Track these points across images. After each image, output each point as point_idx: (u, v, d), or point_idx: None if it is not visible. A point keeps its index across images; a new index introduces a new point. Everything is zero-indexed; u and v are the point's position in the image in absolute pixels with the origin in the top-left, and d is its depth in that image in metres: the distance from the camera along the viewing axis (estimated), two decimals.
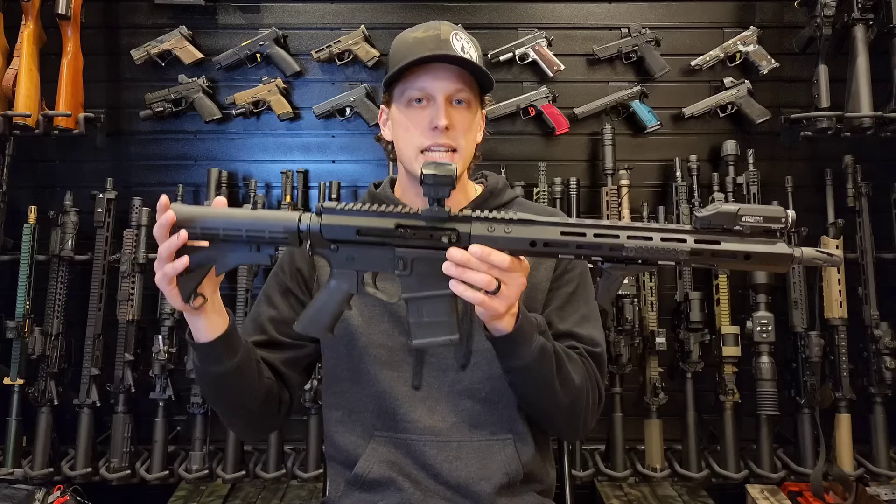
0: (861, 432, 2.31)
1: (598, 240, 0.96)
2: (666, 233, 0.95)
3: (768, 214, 0.93)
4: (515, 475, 1.22)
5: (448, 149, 1.19)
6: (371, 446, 1.24)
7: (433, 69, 1.18)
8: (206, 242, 1.02)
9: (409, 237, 1.00)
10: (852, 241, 2.37)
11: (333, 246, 1.03)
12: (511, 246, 0.98)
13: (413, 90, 1.19)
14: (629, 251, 0.95)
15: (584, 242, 0.96)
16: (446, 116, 1.17)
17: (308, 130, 2.59)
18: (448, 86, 1.19)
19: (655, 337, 2.31)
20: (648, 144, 2.56)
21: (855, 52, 2.32)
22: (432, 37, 1.19)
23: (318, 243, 1.02)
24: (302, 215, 1.02)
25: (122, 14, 2.59)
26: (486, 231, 0.98)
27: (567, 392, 1.16)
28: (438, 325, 1.04)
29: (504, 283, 0.99)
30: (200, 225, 1.01)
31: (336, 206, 1.02)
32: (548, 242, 0.97)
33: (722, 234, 0.94)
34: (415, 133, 1.20)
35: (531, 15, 2.58)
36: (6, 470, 2.29)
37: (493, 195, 1.32)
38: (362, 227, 1.01)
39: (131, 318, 2.34)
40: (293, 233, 1.01)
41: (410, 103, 1.20)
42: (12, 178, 2.40)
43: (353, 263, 1.04)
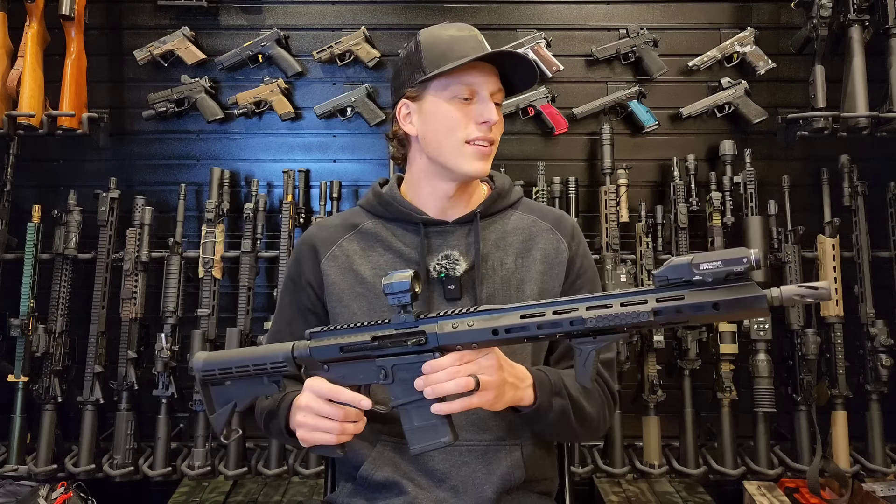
0: (857, 429, 2.33)
1: (557, 317, 0.94)
2: (626, 297, 0.91)
3: (727, 257, 0.84)
4: (517, 479, 1.22)
5: (489, 143, 1.24)
6: (377, 450, 1.25)
7: (480, 68, 1.22)
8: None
9: (385, 346, 1.05)
10: (848, 240, 2.39)
11: (325, 366, 1.10)
12: (475, 338, 1.00)
13: (461, 86, 1.21)
14: (590, 322, 0.92)
15: (544, 322, 0.95)
16: (495, 112, 1.22)
17: (309, 130, 2.61)
18: (493, 85, 1.23)
19: (653, 335, 2.32)
20: (646, 144, 2.58)
21: (851, 53, 2.34)
22: (470, 36, 1.23)
23: (311, 366, 1.11)
24: (295, 344, 1.12)
25: (125, 15, 2.60)
26: (451, 328, 1.01)
27: (585, 428, 1.23)
28: (430, 429, 1.06)
29: (479, 374, 1.01)
30: (217, 367, 1.15)
31: (322, 330, 1.11)
32: (509, 328, 0.97)
33: (685, 288, 0.88)
34: (460, 125, 1.22)
35: (530, 16, 2.60)
36: (10, 466, 2.30)
37: (500, 197, 1.33)
38: (344, 345, 1.07)
39: (134, 316, 2.36)
40: (290, 359, 1.11)
41: (455, 98, 1.22)
42: (16, 177, 2.42)
43: (345, 380, 1.09)
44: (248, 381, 1.15)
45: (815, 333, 2.31)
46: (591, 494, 2.42)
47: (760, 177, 2.41)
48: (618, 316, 0.90)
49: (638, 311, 0.89)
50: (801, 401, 2.30)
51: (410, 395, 1.05)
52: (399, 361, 1.05)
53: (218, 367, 1.15)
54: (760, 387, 2.27)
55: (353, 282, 1.27)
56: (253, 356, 1.14)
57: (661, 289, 0.89)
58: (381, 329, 1.06)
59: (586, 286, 1.30)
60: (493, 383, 1.03)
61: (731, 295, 0.85)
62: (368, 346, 1.06)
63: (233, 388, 1.16)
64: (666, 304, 0.88)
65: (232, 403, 1.17)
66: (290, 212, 2.40)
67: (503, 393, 1.06)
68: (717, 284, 0.86)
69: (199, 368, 1.17)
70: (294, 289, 1.34)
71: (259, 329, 2.38)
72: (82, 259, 2.41)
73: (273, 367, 1.12)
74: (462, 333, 1.00)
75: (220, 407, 1.17)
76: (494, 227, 1.31)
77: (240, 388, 1.16)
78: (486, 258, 1.27)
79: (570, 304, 0.95)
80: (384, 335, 1.05)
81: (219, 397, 1.17)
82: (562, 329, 0.94)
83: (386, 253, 1.28)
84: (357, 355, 1.07)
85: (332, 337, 1.09)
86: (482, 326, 0.99)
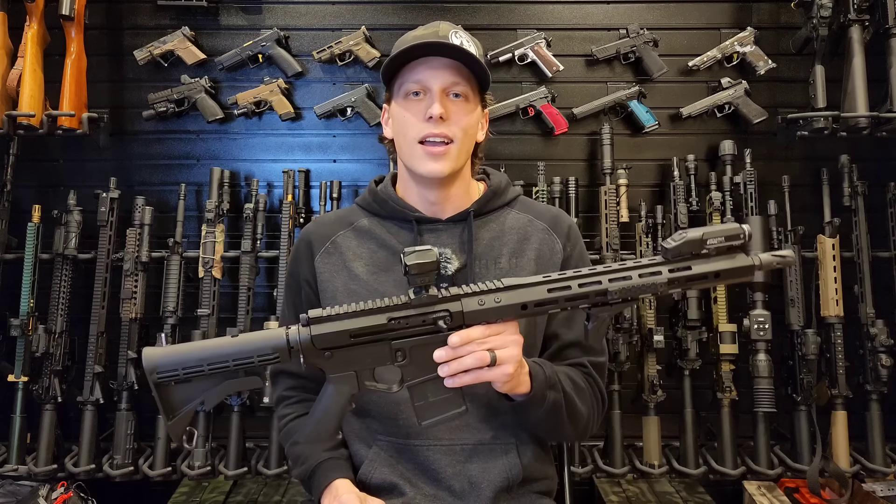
0: (857, 429, 2.33)
1: (584, 289, 1.00)
2: (642, 269, 1.00)
3: (729, 233, 0.99)
4: (515, 478, 1.22)
5: (443, 139, 1.20)
6: (374, 451, 1.24)
7: (430, 62, 1.20)
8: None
9: (403, 328, 1.01)
10: (848, 240, 2.39)
11: (327, 353, 1.02)
12: (504, 314, 1.01)
13: (410, 83, 1.21)
14: (613, 294, 0.99)
15: (572, 295, 1.00)
16: (441, 106, 1.18)
17: (309, 130, 2.61)
18: (444, 78, 1.20)
19: (653, 335, 2.32)
20: (646, 144, 2.58)
21: (851, 53, 2.34)
22: (431, 34, 1.21)
23: (310, 354, 1.02)
24: (289, 331, 1.01)
25: (125, 15, 2.60)
26: (477, 305, 1.00)
27: (575, 425, 1.21)
28: (444, 402, 1.05)
29: (498, 349, 1.00)
30: (182, 365, 0.98)
31: (323, 314, 1.01)
32: (538, 303, 1.00)
33: (690, 260, 1.00)
34: (411, 124, 1.21)
35: (530, 16, 2.60)
36: (10, 466, 2.30)
37: (496, 195, 1.32)
38: (355, 330, 1.01)
39: (134, 316, 2.36)
40: (283, 349, 1.00)
41: (408, 96, 1.22)
42: (16, 177, 2.42)
43: (350, 365, 1.03)
44: (223, 376, 1.00)
45: (815, 333, 2.30)
46: (591, 494, 2.42)
47: (760, 177, 2.41)
48: (638, 287, 1.00)
49: (655, 281, 1.00)
50: (801, 401, 2.30)
51: (426, 372, 1.02)
52: (421, 342, 1.02)
53: (183, 367, 0.99)
54: (760, 387, 2.27)
55: (346, 279, 1.27)
56: (232, 348, 0.99)
57: (670, 260, 1.00)
58: (398, 310, 1.01)
59: None
60: (515, 358, 1.02)
61: (730, 264, 1.00)
62: (384, 329, 1.01)
63: (201, 385, 1.00)
64: (677, 274, 1.00)
65: (196, 402, 1.01)
66: (290, 212, 2.40)
67: (520, 370, 1.06)
68: (718, 256, 1.00)
69: (155, 368, 0.98)
70: (293, 287, 1.35)
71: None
72: (82, 259, 2.41)
73: (261, 360, 1.00)
74: (489, 310, 1.00)
75: (181, 408, 1.01)
76: (490, 226, 1.30)
77: (210, 386, 1.01)
78: (479, 257, 1.26)
79: (593, 277, 1.00)
80: (403, 316, 1.01)
81: (181, 396, 1.00)
82: (588, 301, 1.01)
83: (380, 250, 1.28)
84: (368, 339, 1.02)
85: (339, 322, 1.01)
86: (511, 302, 1.00)
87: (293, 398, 1.35)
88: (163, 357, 0.99)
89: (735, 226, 1.00)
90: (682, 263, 1.00)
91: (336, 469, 1.23)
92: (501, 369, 1.01)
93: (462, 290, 1.01)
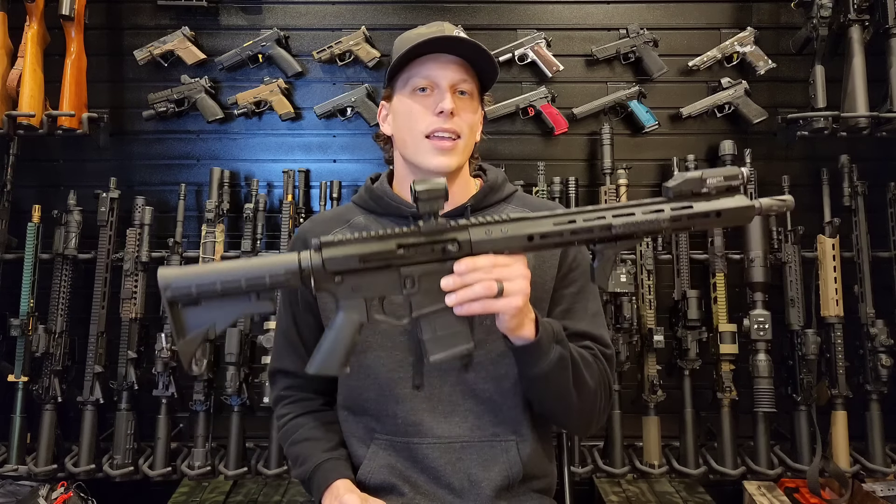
0: (857, 429, 2.33)
1: (589, 223, 1.01)
2: (645, 206, 1.02)
3: (727, 174, 1.00)
4: (515, 476, 1.22)
5: (452, 134, 1.20)
6: (371, 449, 1.24)
7: (439, 59, 1.20)
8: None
9: (413, 255, 1.01)
10: (848, 240, 2.39)
11: (338, 278, 1.02)
12: (510, 244, 1.01)
13: (418, 78, 1.21)
14: (617, 229, 1.00)
15: (577, 228, 1.01)
16: (451, 101, 1.19)
17: (309, 130, 2.61)
18: (453, 75, 1.21)
19: (653, 335, 2.32)
20: (646, 144, 2.58)
21: (851, 53, 2.34)
22: (437, 31, 1.22)
23: (321, 278, 1.01)
24: (301, 254, 1.01)
25: (125, 15, 2.60)
26: (484, 235, 1.01)
27: (582, 396, 1.17)
28: (453, 336, 1.04)
29: (506, 280, 1.00)
30: (196, 283, 0.99)
31: (334, 239, 1.02)
32: (544, 234, 1.01)
33: (692, 199, 1.01)
34: (419, 118, 1.21)
35: (530, 16, 2.60)
36: (10, 466, 2.30)
37: (492, 190, 1.32)
38: (365, 254, 1.01)
39: (134, 316, 2.36)
40: (295, 272, 1.00)
41: (415, 92, 1.22)
42: (16, 177, 2.41)
43: (359, 292, 1.03)
44: (235, 300, 1.00)
45: (815, 333, 2.30)
46: (591, 494, 2.42)
47: (760, 177, 2.41)
48: (641, 223, 1.01)
49: (658, 218, 1.01)
50: (801, 401, 2.30)
51: (435, 303, 1.02)
52: (429, 269, 1.01)
53: (196, 285, 0.98)
54: (760, 387, 2.27)
55: None
56: (246, 270, 0.99)
57: (672, 199, 1.01)
58: (407, 236, 1.01)
59: (579, 279, 1.28)
60: (523, 290, 1.02)
61: (731, 203, 1.00)
62: (393, 255, 1.01)
63: (213, 307, 1.00)
64: (679, 212, 1.01)
65: (208, 326, 1.01)
66: (290, 212, 2.40)
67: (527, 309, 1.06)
68: (718, 196, 1.00)
69: (168, 286, 0.99)
70: (288, 304, 1.34)
71: (259, 329, 2.37)
72: (82, 259, 2.41)
73: (272, 282, 0.99)
74: (496, 240, 1.01)
75: (192, 330, 1.01)
76: None
77: (223, 308, 1.00)
78: None
79: (598, 213, 1.01)
80: (412, 243, 1.01)
81: (192, 318, 1.01)
82: (592, 235, 1.01)
83: None
84: (378, 265, 1.02)
85: (350, 245, 1.01)
86: (517, 233, 1.01)
87: (291, 398, 1.35)
88: (177, 275, 1.00)
89: (733, 167, 1.01)
90: (684, 202, 1.01)
91: (336, 469, 1.23)
92: (509, 300, 1.00)
93: (470, 221, 1.02)
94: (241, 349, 2.29)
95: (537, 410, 1.24)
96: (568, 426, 1.36)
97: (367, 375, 1.24)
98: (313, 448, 1.26)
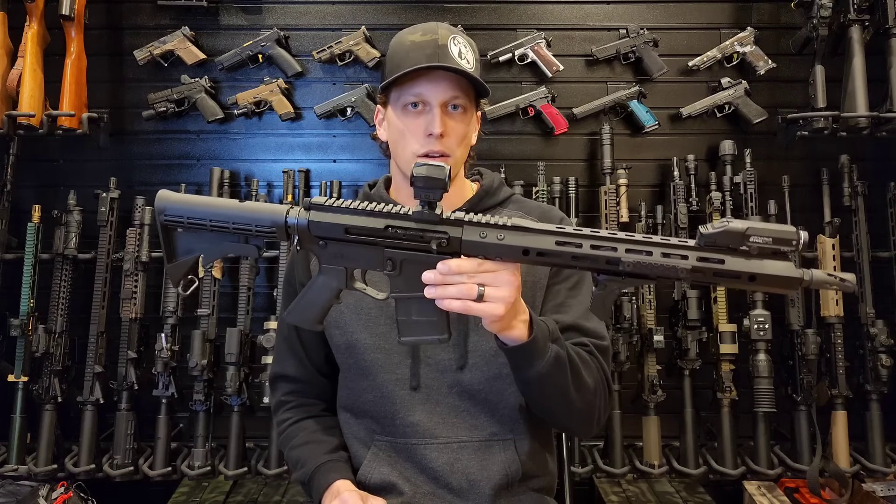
0: (857, 429, 2.33)
1: (594, 252, 0.91)
2: (668, 248, 0.89)
3: (779, 235, 0.85)
4: (514, 475, 1.22)
5: (441, 156, 1.19)
6: (372, 451, 1.24)
7: (430, 75, 1.18)
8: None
9: (399, 238, 0.98)
10: (848, 240, 2.39)
11: (322, 243, 1.01)
12: (502, 253, 0.95)
13: (409, 95, 1.20)
14: (626, 265, 0.90)
15: (580, 254, 0.92)
16: (441, 124, 1.18)
17: (309, 130, 2.61)
18: (444, 93, 1.19)
19: (653, 335, 2.32)
20: (646, 144, 2.58)
21: (851, 53, 2.34)
22: (430, 41, 1.19)
23: (305, 239, 1.01)
24: (290, 209, 1.01)
25: (125, 15, 2.60)
26: (478, 236, 0.95)
27: (581, 397, 1.15)
28: (428, 325, 1.02)
29: (489, 286, 0.96)
30: (188, 214, 1.02)
31: (325, 203, 1.00)
32: (542, 252, 0.93)
33: (726, 253, 0.87)
34: (411, 139, 1.20)
35: (530, 16, 2.60)
36: (10, 466, 2.30)
37: (488, 194, 1.32)
38: (351, 226, 0.99)
39: (134, 316, 2.36)
40: (280, 227, 1.01)
41: (406, 108, 1.21)
42: (16, 177, 2.42)
43: (341, 260, 1.02)
44: (224, 237, 1.03)
45: (815, 333, 2.31)
46: (591, 494, 2.41)
47: (760, 177, 2.41)
48: (656, 266, 0.89)
49: (677, 265, 0.88)
50: (801, 401, 2.30)
51: (414, 289, 0.99)
52: (412, 257, 0.98)
53: (188, 216, 1.02)
54: (760, 387, 2.27)
55: None
56: (235, 212, 1.02)
57: (704, 248, 0.88)
58: (398, 219, 0.98)
59: (574, 274, 1.27)
60: (505, 299, 0.96)
61: (771, 271, 0.86)
62: (380, 234, 0.99)
63: (201, 239, 1.04)
64: (706, 264, 0.88)
65: (196, 255, 1.05)
66: None
67: (515, 312, 1.01)
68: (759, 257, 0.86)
69: (164, 210, 1.03)
70: (290, 293, 1.34)
71: (259, 329, 2.37)
72: (82, 259, 2.41)
73: (258, 231, 1.01)
74: (489, 245, 0.95)
75: (181, 256, 1.05)
76: None
77: (210, 242, 1.04)
78: None
79: (609, 242, 0.91)
80: (401, 226, 0.98)
81: (182, 244, 1.05)
82: (596, 265, 0.92)
83: None
84: (363, 239, 1.00)
85: (338, 214, 0.99)
86: (513, 244, 0.94)
87: (291, 403, 1.35)
88: (173, 202, 1.03)
89: (790, 229, 0.85)
90: (716, 255, 0.88)
91: (336, 470, 1.23)
92: (488, 306, 0.95)
93: (467, 218, 0.97)
94: (241, 349, 2.30)
95: (536, 413, 1.23)
96: (569, 428, 1.35)
97: (366, 377, 1.24)
98: (314, 451, 1.26)
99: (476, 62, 1.22)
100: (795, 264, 0.87)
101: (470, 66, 1.20)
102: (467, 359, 1.22)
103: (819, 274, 0.86)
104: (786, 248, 0.85)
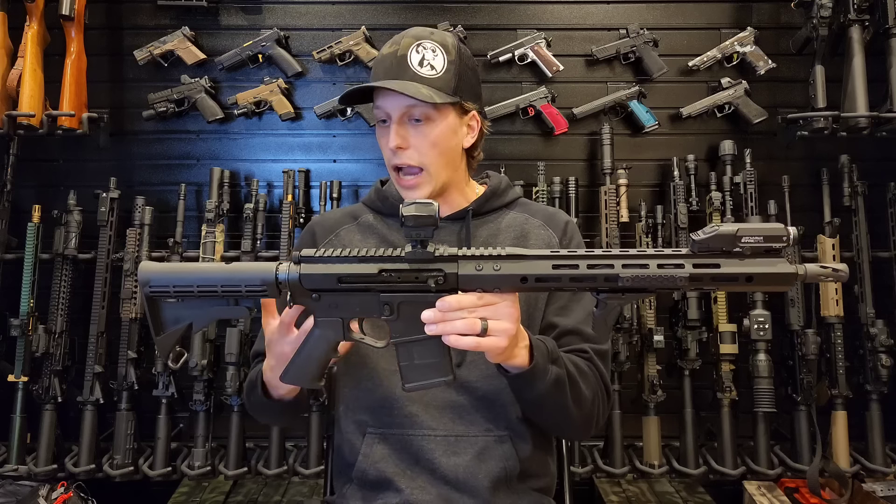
0: (857, 429, 2.33)
1: (592, 271, 0.92)
2: (662, 259, 0.91)
3: (769, 234, 0.88)
4: (512, 470, 1.22)
5: (414, 167, 1.21)
6: (368, 443, 1.24)
7: (387, 90, 1.20)
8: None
9: (394, 281, 0.97)
10: (848, 240, 2.39)
11: (315, 295, 1.00)
12: (501, 283, 0.95)
13: (377, 110, 1.24)
14: (625, 281, 0.90)
15: (578, 275, 0.92)
16: (397, 138, 1.20)
17: (309, 130, 2.61)
18: (399, 106, 1.20)
19: (653, 335, 2.32)
20: (646, 144, 2.58)
21: (851, 53, 2.34)
22: (390, 54, 1.21)
23: (298, 293, 1.00)
24: (279, 266, 1.00)
25: (125, 15, 2.60)
26: (474, 270, 0.95)
27: (580, 409, 1.17)
28: (430, 367, 1.01)
29: (491, 319, 0.96)
30: (173, 283, 0.99)
31: (314, 254, 0.99)
32: (540, 277, 0.93)
33: (721, 257, 0.90)
34: (384, 152, 1.25)
35: (530, 16, 2.60)
36: (10, 466, 2.30)
37: (494, 195, 1.33)
38: (344, 275, 0.98)
39: (134, 316, 2.36)
40: (271, 284, 0.99)
41: (379, 122, 1.25)
42: (16, 177, 2.42)
43: (336, 311, 1.01)
44: (212, 302, 1.01)
45: (815, 333, 2.30)
46: (591, 494, 2.42)
47: (760, 177, 2.41)
48: (654, 278, 0.90)
49: (674, 275, 0.90)
50: (801, 401, 2.30)
51: (414, 331, 0.98)
52: (410, 298, 0.97)
53: (174, 285, 0.99)
54: (760, 387, 2.27)
55: None
56: (223, 274, 0.99)
57: (697, 254, 0.90)
58: (390, 262, 0.97)
59: None
60: (507, 332, 0.97)
61: (767, 269, 0.89)
62: (374, 279, 0.97)
63: (189, 306, 1.01)
64: (703, 270, 0.90)
65: (185, 325, 1.03)
66: (290, 212, 2.40)
67: (517, 341, 1.02)
68: (753, 257, 0.89)
69: (148, 282, 0.99)
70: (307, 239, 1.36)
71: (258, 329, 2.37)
72: (82, 259, 2.41)
73: (249, 291, 0.99)
74: (486, 277, 0.95)
75: (170, 327, 1.02)
76: (487, 225, 1.32)
77: (200, 309, 1.01)
78: None
79: (605, 260, 0.92)
80: (395, 269, 0.97)
81: (169, 314, 1.02)
82: (595, 284, 0.93)
83: (381, 244, 1.30)
84: (357, 287, 0.98)
85: (329, 264, 0.98)
86: (510, 273, 0.94)
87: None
88: (157, 273, 1.00)
89: (778, 226, 0.88)
90: (710, 260, 0.90)
91: None
92: (491, 340, 0.97)
93: (460, 252, 0.97)
94: (241, 349, 2.29)
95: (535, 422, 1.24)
96: (567, 435, 1.38)
97: (362, 369, 1.25)
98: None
99: (446, 65, 1.21)
100: (789, 261, 0.90)
101: (435, 71, 1.19)
102: (464, 356, 1.22)
103: (813, 267, 0.89)
104: (777, 245, 0.88)
